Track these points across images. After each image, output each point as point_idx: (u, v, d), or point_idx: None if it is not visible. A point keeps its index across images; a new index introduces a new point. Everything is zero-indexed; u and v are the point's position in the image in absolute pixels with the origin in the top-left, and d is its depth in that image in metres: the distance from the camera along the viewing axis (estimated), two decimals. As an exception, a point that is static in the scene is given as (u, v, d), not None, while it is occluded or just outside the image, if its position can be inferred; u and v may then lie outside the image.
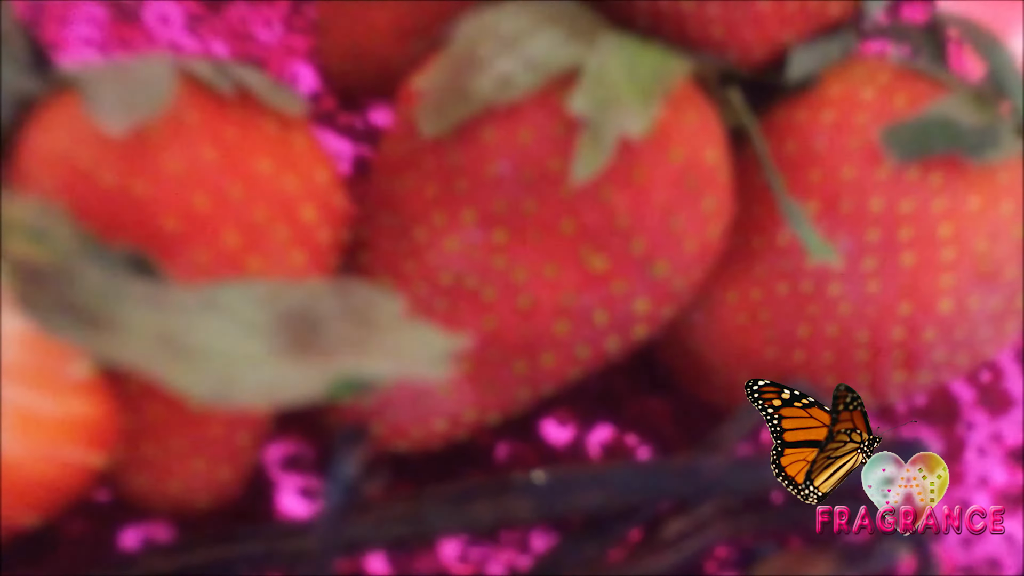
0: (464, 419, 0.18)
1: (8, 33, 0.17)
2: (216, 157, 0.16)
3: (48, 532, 0.17)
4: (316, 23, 0.24)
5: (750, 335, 0.19)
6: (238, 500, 0.17)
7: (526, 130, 0.16)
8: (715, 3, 0.18)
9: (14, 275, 0.12)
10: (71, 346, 0.13)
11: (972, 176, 0.18)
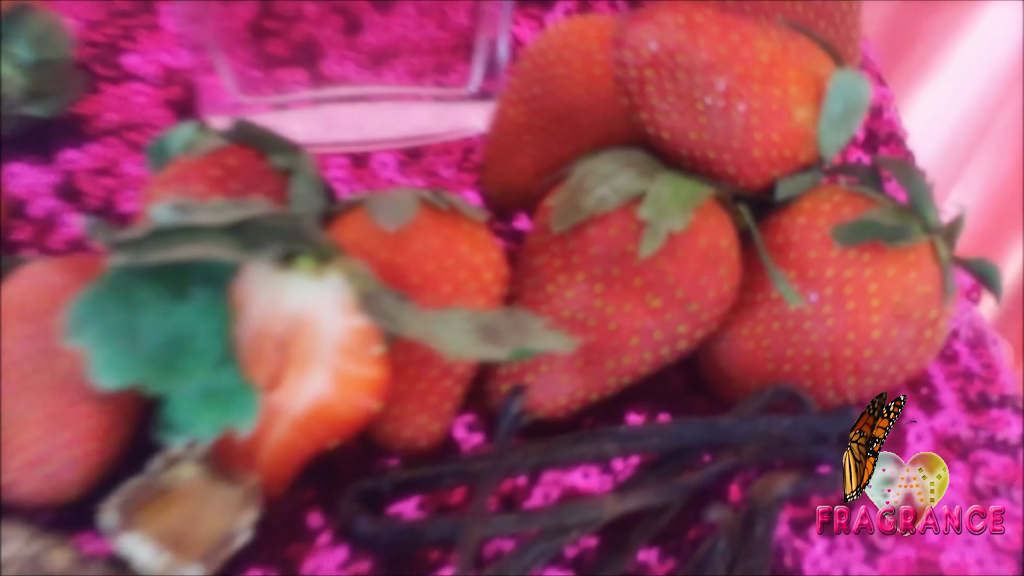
0: (576, 397, 0.29)
1: (317, 180, 0.30)
2: (439, 243, 0.28)
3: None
4: (480, 165, 0.37)
5: (755, 355, 0.30)
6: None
7: (614, 228, 0.29)
8: (728, 153, 0.30)
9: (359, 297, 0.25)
10: (377, 334, 0.25)
11: (890, 255, 0.29)
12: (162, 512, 0.25)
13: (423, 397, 0.29)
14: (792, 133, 0.29)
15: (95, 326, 0.23)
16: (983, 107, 0.82)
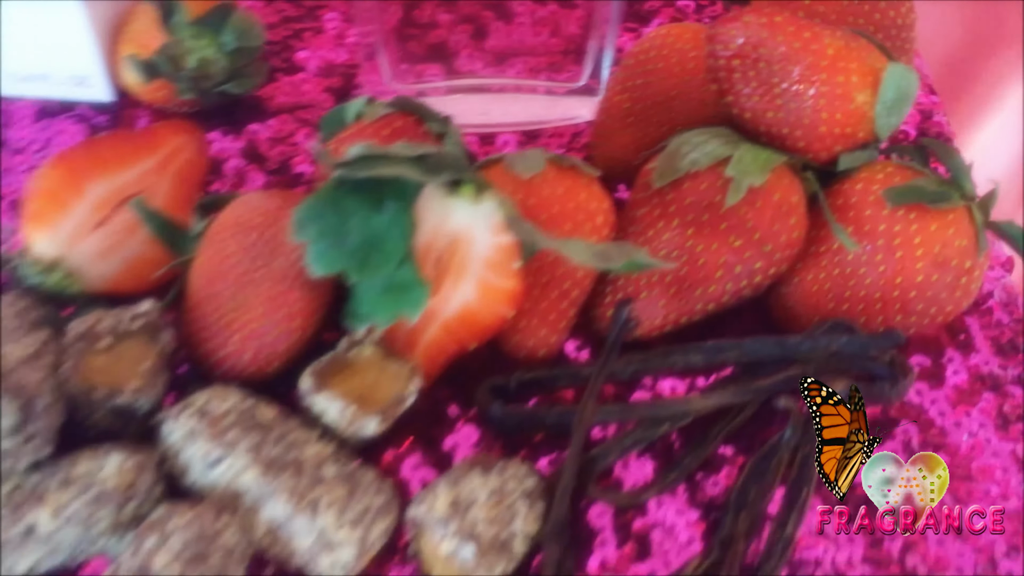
0: (669, 319, 0.36)
1: (462, 142, 0.37)
2: (562, 191, 0.35)
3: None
4: (586, 144, 0.44)
5: (818, 297, 0.37)
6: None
7: (704, 183, 0.35)
8: (799, 130, 0.36)
9: (506, 220, 0.32)
10: (517, 251, 0.32)
11: (932, 214, 0.35)
12: (347, 380, 0.32)
13: (545, 314, 0.35)
14: (852, 114, 0.36)
15: (314, 226, 0.30)
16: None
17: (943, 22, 0.80)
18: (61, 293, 0.34)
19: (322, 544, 0.30)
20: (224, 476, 0.31)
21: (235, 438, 0.31)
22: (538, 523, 0.31)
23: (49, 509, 0.29)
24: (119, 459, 0.30)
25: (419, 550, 0.31)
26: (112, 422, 0.32)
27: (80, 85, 0.42)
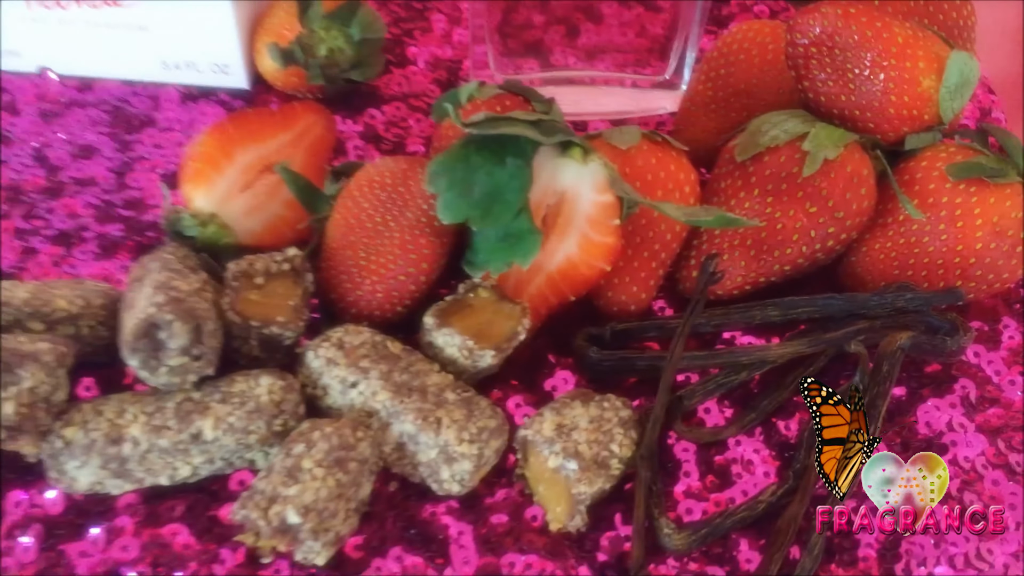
0: (748, 278, 0.40)
1: (564, 120, 0.42)
2: (655, 161, 0.39)
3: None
4: (672, 130, 0.48)
5: (885, 263, 0.40)
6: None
7: (783, 156, 0.39)
8: (870, 112, 0.40)
9: (609, 179, 0.36)
10: (617, 210, 0.36)
11: (991, 188, 0.39)
12: (465, 319, 0.36)
13: (636, 273, 0.40)
14: (919, 97, 0.40)
15: (444, 178, 0.34)
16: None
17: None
18: (214, 244, 0.39)
19: (444, 457, 0.34)
20: (359, 398, 0.35)
21: (368, 366, 0.35)
22: (632, 448, 0.35)
23: (212, 419, 0.34)
24: (270, 380, 0.35)
25: (525, 470, 0.35)
26: (261, 350, 0.36)
27: (221, 73, 0.48)
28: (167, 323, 0.33)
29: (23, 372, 0.33)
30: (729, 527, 0.35)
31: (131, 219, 0.43)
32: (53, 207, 0.43)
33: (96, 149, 0.46)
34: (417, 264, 0.37)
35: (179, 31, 0.46)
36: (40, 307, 0.36)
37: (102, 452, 0.33)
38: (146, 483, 0.35)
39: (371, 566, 0.34)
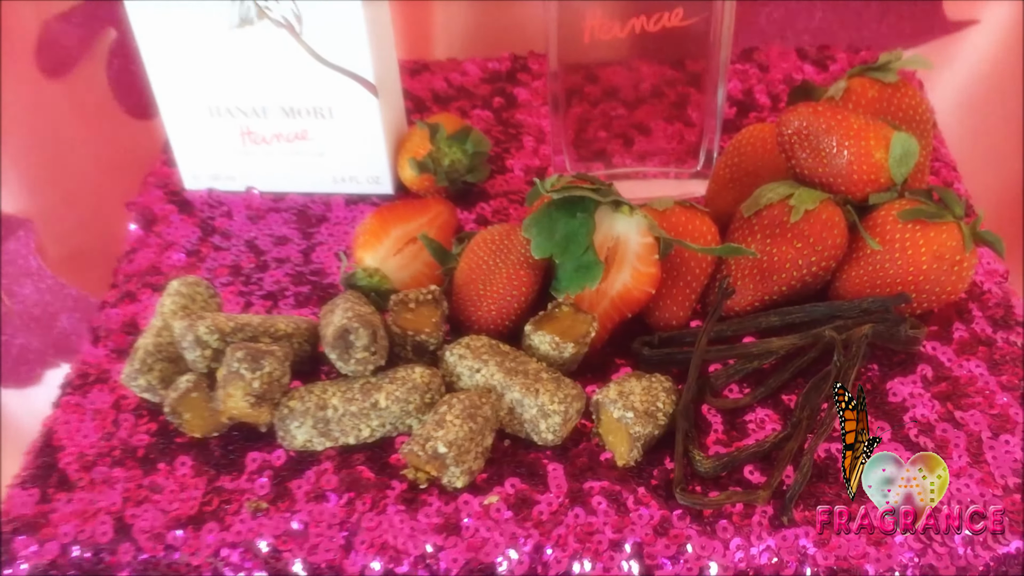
0: (756, 297, 0.55)
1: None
2: (686, 218, 0.55)
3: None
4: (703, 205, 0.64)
5: (859, 284, 0.55)
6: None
7: (776, 210, 0.55)
8: (839, 179, 0.56)
9: (650, 228, 0.52)
10: (656, 249, 0.52)
11: (932, 226, 0.54)
12: (553, 325, 0.52)
13: (675, 297, 0.55)
14: (874, 166, 0.55)
15: (535, 227, 0.51)
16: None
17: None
18: (378, 289, 0.56)
19: (541, 414, 0.49)
20: (481, 379, 0.51)
21: (487, 358, 0.51)
22: (672, 406, 0.50)
23: (384, 393, 0.50)
24: (421, 369, 0.51)
25: (598, 427, 0.51)
26: (413, 353, 0.53)
27: (374, 183, 0.66)
28: (355, 329, 0.50)
29: (264, 362, 0.50)
30: (744, 459, 0.49)
31: (316, 282, 0.61)
32: (262, 277, 0.62)
33: (288, 238, 0.64)
34: (518, 290, 0.53)
35: (346, 155, 0.65)
36: (268, 328, 0.53)
37: (313, 415, 0.50)
38: (340, 441, 0.51)
39: (493, 491, 0.49)
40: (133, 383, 0.53)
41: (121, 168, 0.99)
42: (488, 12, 0.84)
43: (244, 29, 0.59)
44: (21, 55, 0.89)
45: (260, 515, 0.49)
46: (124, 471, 0.51)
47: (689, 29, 0.60)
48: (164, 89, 0.63)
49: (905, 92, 0.60)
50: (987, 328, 0.56)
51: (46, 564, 0.49)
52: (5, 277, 0.94)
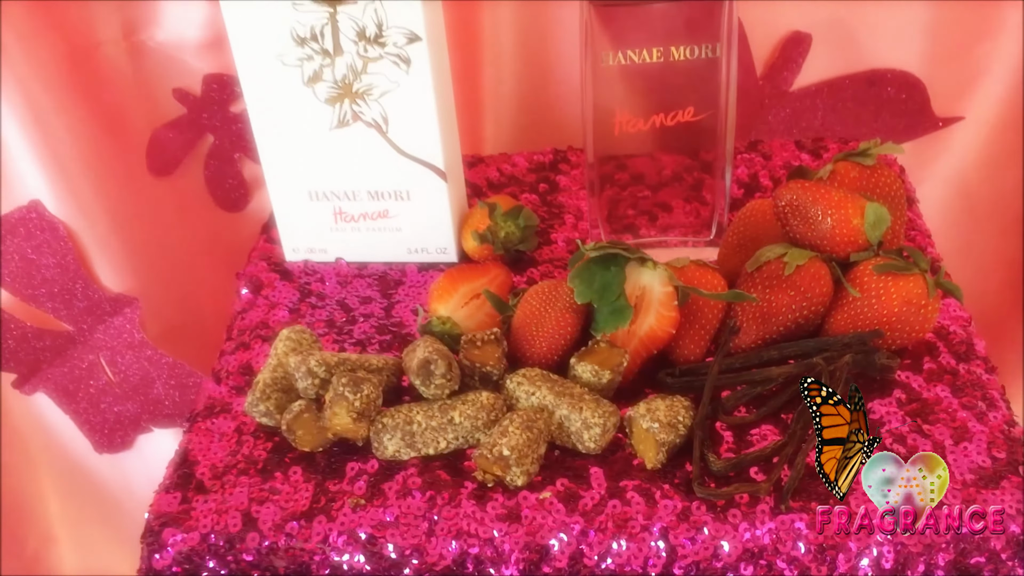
0: (758, 337, 0.67)
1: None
2: (696, 272, 0.68)
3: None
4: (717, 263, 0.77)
5: (843, 325, 0.67)
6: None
7: (774, 265, 0.68)
8: (825, 240, 0.68)
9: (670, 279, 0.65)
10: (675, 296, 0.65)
11: (901, 277, 0.66)
12: (592, 358, 0.65)
13: (692, 336, 0.67)
14: (853, 230, 0.68)
15: (578, 279, 0.64)
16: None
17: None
18: (450, 334, 0.69)
19: (584, 426, 0.61)
20: (536, 400, 0.63)
21: (540, 384, 0.64)
22: (691, 419, 0.62)
23: (458, 412, 0.63)
24: (487, 393, 0.64)
25: (631, 439, 0.62)
26: (480, 382, 0.65)
27: (442, 253, 0.80)
28: (434, 360, 0.63)
29: (363, 386, 0.62)
30: (749, 461, 0.60)
31: (396, 332, 0.74)
32: (352, 329, 0.75)
33: (372, 298, 0.78)
34: (564, 331, 0.66)
35: (419, 230, 0.79)
36: (364, 363, 0.66)
37: (402, 429, 0.62)
38: (422, 452, 0.63)
39: (546, 488, 0.61)
40: (254, 410, 0.66)
41: (212, 253, 1.14)
42: (533, 113, 0.99)
43: (341, 128, 0.74)
44: (134, 157, 1.05)
45: (359, 509, 0.61)
46: (248, 479, 0.64)
47: (700, 123, 0.74)
48: (273, 177, 0.78)
49: (882, 173, 0.73)
50: (952, 361, 0.67)
51: (188, 550, 0.61)
52: (110, 350, 1.08)
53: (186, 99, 1.04)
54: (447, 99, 0.75)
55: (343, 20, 0.69)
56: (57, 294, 1.05)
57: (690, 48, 0.70)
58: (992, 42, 1.02)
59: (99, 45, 1.00)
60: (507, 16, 0.94)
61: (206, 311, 1.13)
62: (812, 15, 0.99)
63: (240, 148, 1.06)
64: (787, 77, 1.02)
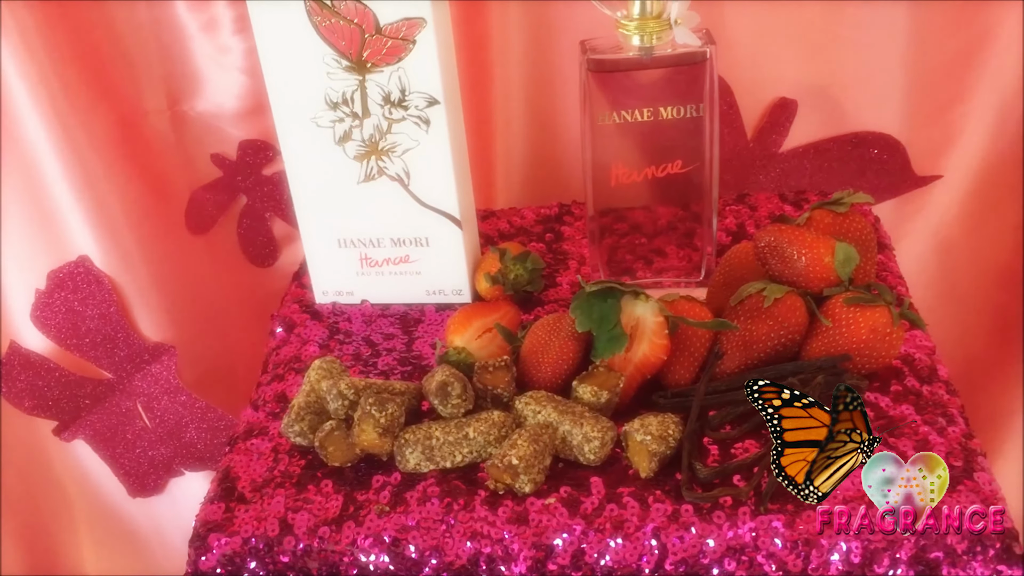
0: (741, 363, 0.74)
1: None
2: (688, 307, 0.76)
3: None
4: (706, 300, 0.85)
5: (817, 351, 0.74)
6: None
7: (755, 299, 0.75)
8: (800, 277, 0.76)
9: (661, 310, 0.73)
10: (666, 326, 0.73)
11: (868, 308, 0.73)
12: (593, 379, 0.72)
13: (682, 362, 0.75)
14: (824, 268, 0.76)
15: (579, 309, 0.72)
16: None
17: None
18: (465, 363, 0.77)
19: (585, 440, 0.69)
20: (542, 418, 0.71)
21: (546, 403, 0.71)
22: (680, 433, 0.69)
23: (472, 428, 0.70)
24: (498, 412, 0.71)
25: (626, 451, 0.70)
26: (491, 403, 0.73)
27: (458, 295, 0.88)
28: (451, 382, 0.71)
29: (388, 405, 0.70)
30: (732, 470, 0.68)
31: (416, 363, 0.82)
32: (376, 361, 0.83)
33: (394, 335, 0.86)
34: (567, 357, 0.74)
35: (436, 273, 0.87)
36: (388, 387, 0.74)
37: (422, 443, 0.70)
38: (440, 464, 0.71)
39: (551, 495, 0.68)
40: (290, 430, 0.74)
41: (243, 304, 1.23)
42: (540, 170, 1.09)
43: (368, 182, 0.83)
44: (174, 216, 1.15)
45: (384, 515, 0.68)
46: (284, 491, 0.71)
47: (688, 176, 0.83)
48: (306, 226, 0.87)
49: (853, 218, 0.82)
50: (916, 383, 0.75)
51: (231, 552, 0.68)
52: (147, 396, 1.16)
53: (223, 163, 1.13)
54: (462, 156, 0.84)
55: (371, 86, 0.79)
56: (100, 343, 1.13)
57: (676, 108, 0.80)
58: (966, 105, 1.11)
59: (146, 114, 1.10)
60: (517, 80, 1.05)
61: (236, 358, 1.21)
62: (798, 82, 1.09)
63: (271, 208, 1.16)
64: (776, 140, 1.11)
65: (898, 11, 1.04)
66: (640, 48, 0.78)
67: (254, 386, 0.84)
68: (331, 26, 0.76)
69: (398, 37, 0.76)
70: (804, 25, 1.06)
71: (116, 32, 1.04)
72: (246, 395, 0.84)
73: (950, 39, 1.07)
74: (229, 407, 1.16)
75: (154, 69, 1.08)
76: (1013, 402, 1.23)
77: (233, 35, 1.05)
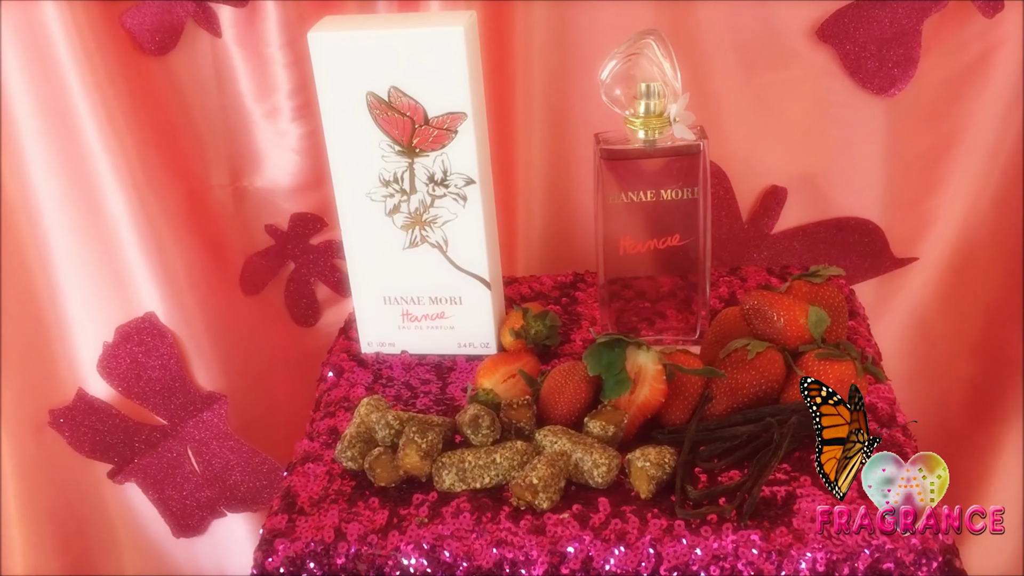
0: (728, 407, 0.87)
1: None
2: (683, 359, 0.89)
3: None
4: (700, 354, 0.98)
5: (793, 399, 0.87)
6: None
7: (740, 353, 0.89)
8: (779, 335, 0.89)
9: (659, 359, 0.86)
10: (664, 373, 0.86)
11: (835, 362, 0.87)
12: (602, 416, 0.85)
13: (677, 404, 0.88)
14: (800, 328, 0.89)
15: (591, 357, 0.86)
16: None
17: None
18: (492, 403, 0.90)
19: (594, 465, 0.82)
20: (558, 448, 0.84)
21: (562, 435, 0.84)
22: (675, 461, 0.82)
23: (499, 455, 0.83)
24: (521, 442, 0.84)
25: (630, 476, 0.82)
26: (515, 435, 0.86)
27: (485, 347, 1.02)
28: (482, 415, 0.84)
29: (429, 433, 0.83)
30: (718, 493, 0.80)
31: (448, 403, 0.95)
32: (415, 402, 0.96)
33: (430, 380, 0.99)
34: (580, 397, 0.87)
35: (467, 328, 1.01)
36: (427, 420, 0.87)
37: (456, 466, 0.83)
38: (471, 485, 0.83)
39: (565, 511, 0.80)
40: (342, 455, 0.87)
41: (287, 360, 1.36)
42: (557, 243, 1.24)
43: (412, 248, 0.97)
44: (231, 279, 1.29)
45: (423, 526, 0.80)
46: (337, 506, 0.84)
47: (685, 249, 0.97)
48: (357, 284, 1.01)
49: (827, 288, 0.95)
50: (876, 426, 0.87)
51: (293, 555, 0.80)
52: (197, 442, 1.28)
53: (275, 233, 1.28)
54: (493, 227, 0.99)
55: (418, 168, 0.94)
56: (159, 392, 1.26)
57: (675, 191, 0.94)
58: (940, 196, 1.24)
59: (211, 188, 1.25)
60: (538, 165, 1.20)
61: (277, 406, 1.34)
62: (787, 171, 1.23)
63: (315, 274, 1.30)
64: (768, 223, 1.25)
65: (877, 110, 1.19)
66: (645, 141, 0.93)
67: (307, 423, 0.97)
68: (388, 118, 0.92)
69: (443, 128, 0.91)
70: (793, 123, 1.22)
71: (191, 117, 1.20)
72: (286, 439, 0.97)
73: (924, 135, 1.22)
74: (270, 451, 1.28)
75: (220, 149, 1.23)
76: (990, 468, 1.34)
77: (291, 122, 1.20)
